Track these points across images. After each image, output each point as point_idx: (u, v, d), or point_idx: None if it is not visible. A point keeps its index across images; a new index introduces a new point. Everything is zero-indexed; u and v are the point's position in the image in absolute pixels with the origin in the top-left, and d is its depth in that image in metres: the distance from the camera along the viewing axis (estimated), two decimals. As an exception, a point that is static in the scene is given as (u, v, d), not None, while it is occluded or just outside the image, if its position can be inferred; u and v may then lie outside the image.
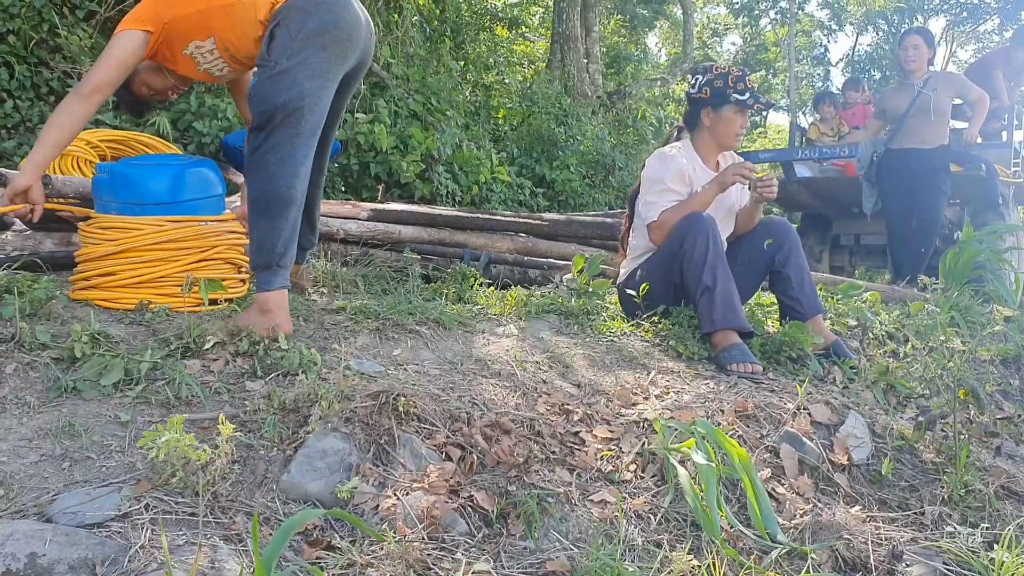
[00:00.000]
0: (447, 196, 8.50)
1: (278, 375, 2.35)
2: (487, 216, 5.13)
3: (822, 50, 33.49)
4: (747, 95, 3.40)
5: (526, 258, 4.89)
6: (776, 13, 29.23)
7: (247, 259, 3.05)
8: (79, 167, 4.03)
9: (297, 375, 2.34)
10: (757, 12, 28.73)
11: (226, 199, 3.26)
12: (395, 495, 1.80)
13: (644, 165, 3.58)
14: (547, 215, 5.41)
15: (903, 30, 8.55)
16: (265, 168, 2.72)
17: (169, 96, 3.19)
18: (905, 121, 6.09)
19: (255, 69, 2.83)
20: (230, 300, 3.06)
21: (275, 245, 2.73)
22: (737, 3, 28.61)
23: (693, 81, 3.55)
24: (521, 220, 5.18)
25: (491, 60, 13.43)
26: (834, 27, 31.78)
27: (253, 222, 2.77)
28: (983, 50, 30.17)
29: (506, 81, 12.53)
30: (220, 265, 3.03)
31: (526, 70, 15.69)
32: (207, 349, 2.41)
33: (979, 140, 6.89)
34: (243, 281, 3.18)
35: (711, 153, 3.56)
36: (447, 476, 1.89)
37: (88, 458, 1.83)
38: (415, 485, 1.84)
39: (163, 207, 2.93)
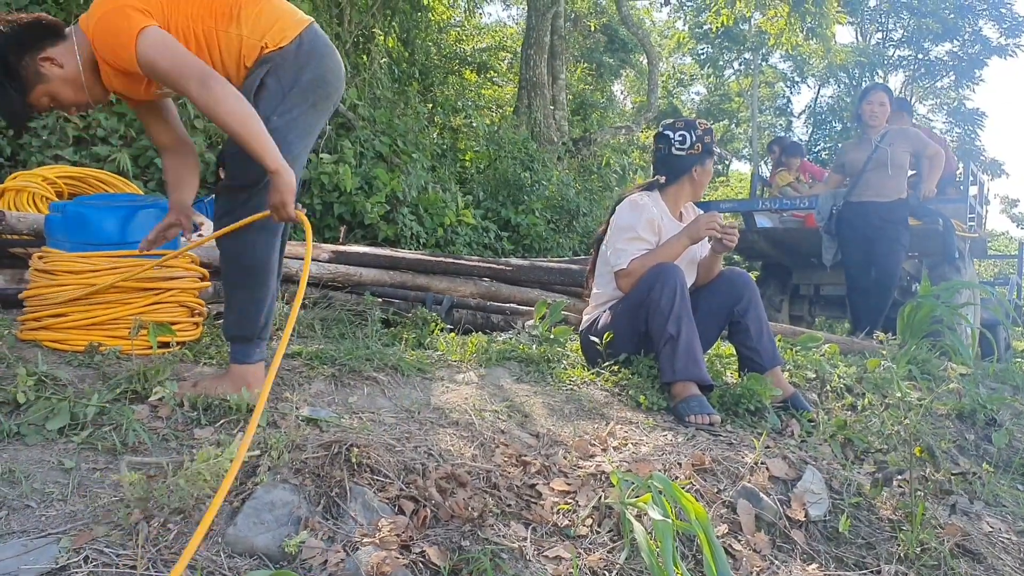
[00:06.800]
0: (411, 238, 8.47)
1: (227, 422, 2.30)
2: (451, 260, 5.11)
3: (785, 101, 34.16)
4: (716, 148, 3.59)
5: (489, 303, 4.87)
6: (740, 64, 29.75)
7: (201, 302, 2.98)
8: (35, 204, 3.96)
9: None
10: (722, 63, 29.22)
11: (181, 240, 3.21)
12: (344, 550, 1.75)
13: (613, 211, 3.58)
14: (511, 260, 5.39)
15: (864, 85, 8.75)
16: (242, 236, 2.48)
17: (70, 112, 2.61)
18: (863, 175, 6.19)
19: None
20: (182, 343, 3.00)
21: (256, 317, 2.55)
22: (702, 54, 29.09)
23: (679, 137, 3.54)
24: (485, 264, 5.16)
25: (459, 103, 13.50)
26: (797, 79, 32.44)
27: (230, 293, 2.59)
28: (940, 106, 30.96)
29: (473, 124, 12.58)
30: (173, 308, 2.99)
31: (494, 114, 15.79)
32: (159, 398, 2.35)
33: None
34: (196, 324, 3.12)
35: (680, 204, 3.60)
36: (399, 530, 1.84)
37: (27, 507, 1.77)
38: (365, 540, 1.79)
39: (116, 247, 2.88)
